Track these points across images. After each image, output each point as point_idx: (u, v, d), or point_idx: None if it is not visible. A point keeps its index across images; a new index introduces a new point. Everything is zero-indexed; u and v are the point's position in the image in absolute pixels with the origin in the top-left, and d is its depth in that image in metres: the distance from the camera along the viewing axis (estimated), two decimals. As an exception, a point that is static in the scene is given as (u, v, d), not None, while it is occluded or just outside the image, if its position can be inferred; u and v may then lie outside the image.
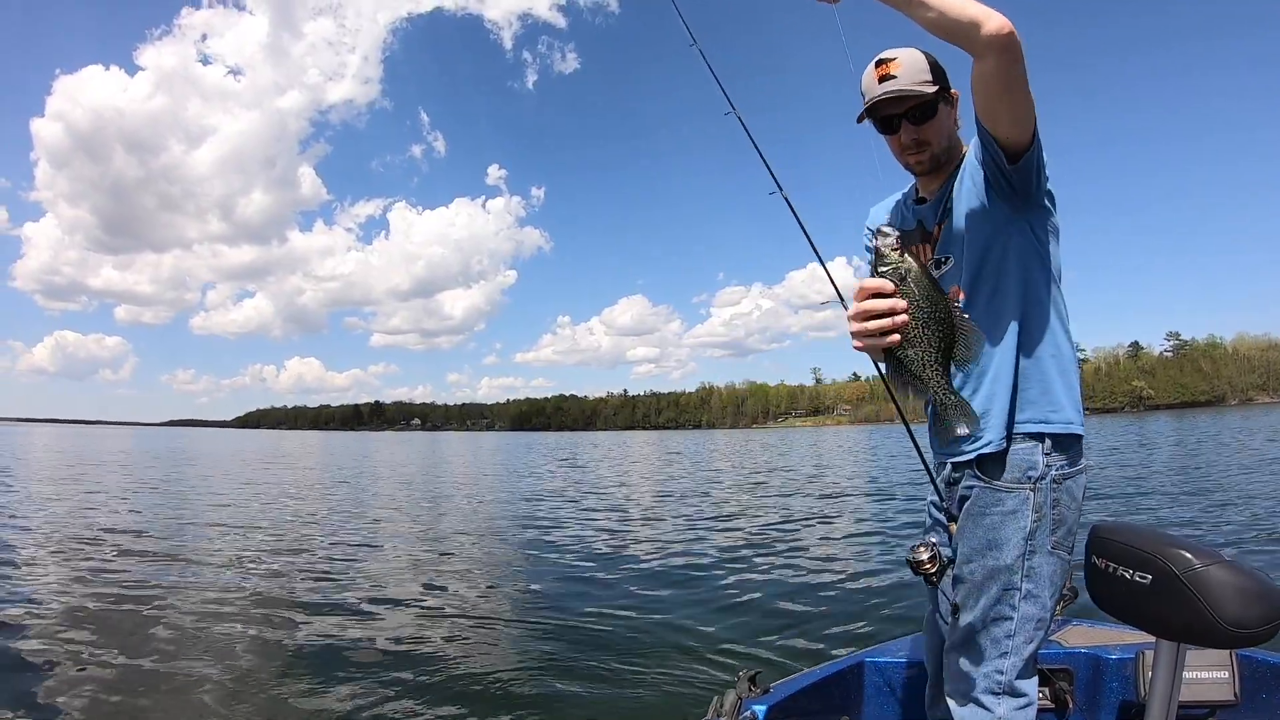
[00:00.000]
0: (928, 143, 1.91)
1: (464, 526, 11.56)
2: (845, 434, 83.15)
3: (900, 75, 1.86)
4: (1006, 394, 1.80)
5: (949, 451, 1.91)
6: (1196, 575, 1.64)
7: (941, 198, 1.94)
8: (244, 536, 10.10)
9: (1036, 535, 1.78)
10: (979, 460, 1.84)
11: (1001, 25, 1.54)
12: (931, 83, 1.86)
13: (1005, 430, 1.80)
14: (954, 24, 1.58)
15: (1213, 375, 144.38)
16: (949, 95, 1.90)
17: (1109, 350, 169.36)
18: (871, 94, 1.89)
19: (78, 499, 14.59)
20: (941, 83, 1.87)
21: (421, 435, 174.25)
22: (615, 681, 4.49)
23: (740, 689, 2.29)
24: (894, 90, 1.85)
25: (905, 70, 1.86)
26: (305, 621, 5.76)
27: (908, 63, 1.87)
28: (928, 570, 1.90)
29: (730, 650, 4.97)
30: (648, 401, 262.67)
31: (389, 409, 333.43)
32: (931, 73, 1.87)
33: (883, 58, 1.90)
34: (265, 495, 16.25)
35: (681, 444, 60.37)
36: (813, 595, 6.48)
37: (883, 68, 1.88)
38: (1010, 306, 1.82)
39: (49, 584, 6.92)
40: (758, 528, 10.87)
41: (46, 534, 10.02)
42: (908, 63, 1.87)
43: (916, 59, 1.88)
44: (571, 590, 6.88)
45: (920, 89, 1.85)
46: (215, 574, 7.53)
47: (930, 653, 2.11)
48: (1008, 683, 1.79)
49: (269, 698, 4.26)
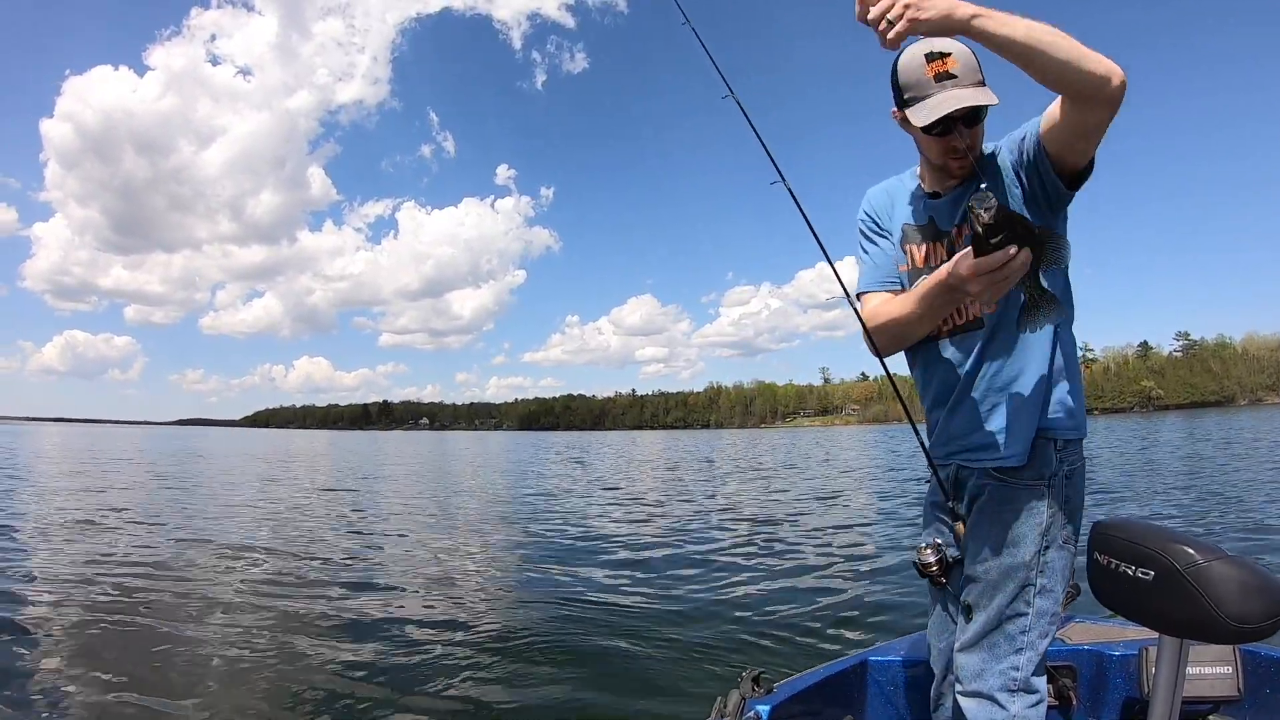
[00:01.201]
0: (976, 146, 1.80)
1: (469, 524, 11.57)
2: (852, 433, 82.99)
3: (960, 74, 1.72)
4: (1035, 408, 1.80)
5: (968, 459, 1.90)
6: (1199, 571, 1.64)
7: (963, 198, 1.81)
8: (262, 533, 10.14)
9: (1051, 530, 1.79)
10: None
11: (1123, 78, 1.50)
12: (983, 81, 1.74)
13: (1029, 443, 1.80)
14: (1082, 77, 1.50)
15: (1222, 375, 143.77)
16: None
17: (1118, 350, 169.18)
18: (930, 93, 1.73)
19: (90, 497, 14.64)
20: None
21: (429, 435, 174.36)
22: (617, 680, 4.49)
23: (744, 688, 2.28)
24: (968, 103, 1.68)
25: (963, 69, 1.72)
26: (319, 607, 5.78)
27: (964, 60, 1.73)
28: (934, 571, 1.90)
29: (733, 649, 4.97)
30: (656, 401, 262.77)
31: (397, 408, 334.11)
32: (981, 71, 1.75)
33: (938, 50, 1.73)
34: (284, 491, 16.32)
35: (689, 443, 60.34)
36: (816, 594, 6.46)
37: (938, 64, 1.72)
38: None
39: (60, 581, 6.94)
40: (761, 526, 10.87)
41: (59, 530, 10.06)
42: (964, 60, 1.73)
43: (970, 56, 1.74)
44: (572, 589, 6.87)
45: (987, 94, 1.71)
46: (234, 569, 7.57)
47: (935, 652, 2.10)
48: (1024, 679, 1.78)
49: (282, 691, 4.27)
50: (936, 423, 1.99)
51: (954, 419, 1.92)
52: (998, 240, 1.45)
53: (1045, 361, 1.80)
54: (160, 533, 10.12)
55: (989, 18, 1.49)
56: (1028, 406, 1.80)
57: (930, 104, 1.73)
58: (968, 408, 1.88)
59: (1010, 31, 1.49)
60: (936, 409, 1.98)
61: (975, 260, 1.48)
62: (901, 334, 1.93)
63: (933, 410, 2.00)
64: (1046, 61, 1.49)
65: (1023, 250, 1.46)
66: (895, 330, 1.92)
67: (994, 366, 1.84)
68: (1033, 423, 1.79)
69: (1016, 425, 1.80)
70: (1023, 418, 1.80)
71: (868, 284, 2.07)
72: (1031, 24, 1.50)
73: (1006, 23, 1.49)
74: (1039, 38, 1.49)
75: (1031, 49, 1.49)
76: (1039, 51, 1.49)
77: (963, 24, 1.49)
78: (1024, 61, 1.52)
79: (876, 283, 2.05)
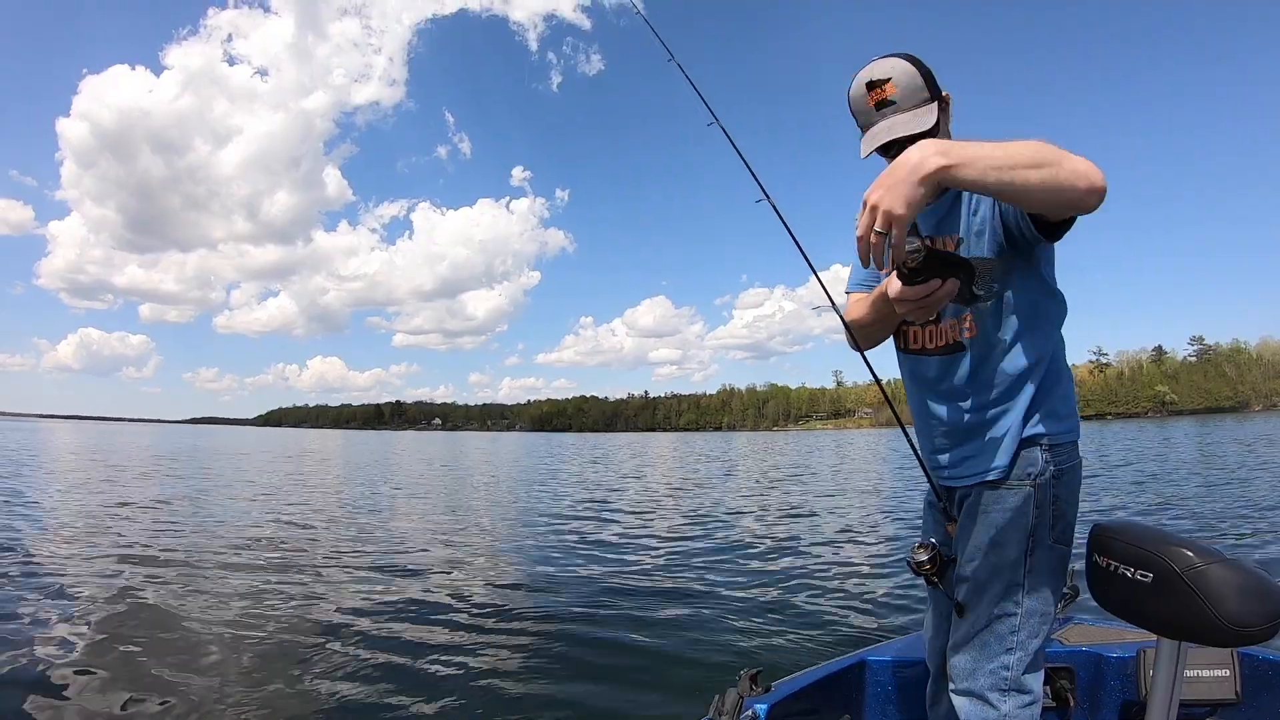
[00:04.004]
0: None
1: (474, 522, 11.60)
2: (864, 436, 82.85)
3: (899, 99, 1.73)
4: (1019, 424, 1.79)
5: (950, 476, 1.92)
6: (1198, 573, 1.63)
7: (938, 212, 1.85)
8: (269, 529, 10.20)
9: (1038, 531, 1.78)
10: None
11: (1103, 189, 1.45)
12: (930, 100, 1.75)
13: (1011, 457, 1.79)
14: (1060, 199, 1.47)
15: (1237, 380, 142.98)
16: (945, 101, 1.79)
17: (1132, 354, 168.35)
18: (871, 124, 1.78)
19: (107, 492, 14.75)
20: (937, 94, 1.76)
21: (442, 435, 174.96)
22: (615, 679, 4.50)
23: (741, 687, 2.28)
24: (901, 133, 1.71)
25: (903, 92, 1.73)
26: (323, 604, 5.81)
27: (904, 83, 1.73)
28: (928, 570, 1.90)
29: (731, 648, 4.98)
30: (669, 403, 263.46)
31: (410, 409, 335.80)
32: (928, 87, 1.75)
33: (875, 78, 1.75)
34: (300, 488, 16.42)
35: (699, 445, 60.34)
36: (815, 593, 6.48)
37: (878, 92, 1.75)
38: (1023, 333, 1.80)
39: (73, 579, 6.99)
40: (761, 525, 10.92)
41: (69, 527, 10.12)
42: (904, 83, 1.73)
43: (910, 74, 1.74)
44: (571, 588, 6.90)
45: (925, 118, 1.72)
46: (253, 564, 7.61)
47: (931, 652, 2.10)
48: (1014, 678, 1.78)
49: (290, 688, 4.29)
50: (922, 434, 2.02)
51: (936, 436, 1.94)
52: (921, 279, 1.50)
53: (1028, 377, 1.80)
54: (171, 529, 10.19)
55: (955, 168, 1.43)
56: (1011, 423, 1.80)
57: (870, 134, 1.78)
58: (949, 425, 1.90)
59: (978, 175, 1.44)
60: (919, 422, 2.01)
61: (901, 289, 1.52)
62: (867, 334, 1.99)
63: (917, 422, 2.03)
64: (1020, 195, 1.48)
65: (949, 281, 1.51)
66: (859, 330, 1.98)
67: (974, 387, 1.85)
68: (1015, 437, 1.79)
69: (999, 442, 1.80)
70: (1006, 434, 1.80)
71: (850, 285, 2.15)
72: (1001, 158, 1.43)
73: (973, 166, 1.43)
74: (1010, 179, 1.43)
75: (1004, 189, 1.47)
76: (1012, 189, 1.46)
77: (933, 188, 1.45)
78: (998, 196, 1.54)
79: (855, 284, 2.13)
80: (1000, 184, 1.44)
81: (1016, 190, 1.45)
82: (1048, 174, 1.42)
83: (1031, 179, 1.42)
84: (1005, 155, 1.43)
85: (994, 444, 1.80)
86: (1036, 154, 1.42)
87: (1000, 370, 1.81)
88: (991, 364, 1.81)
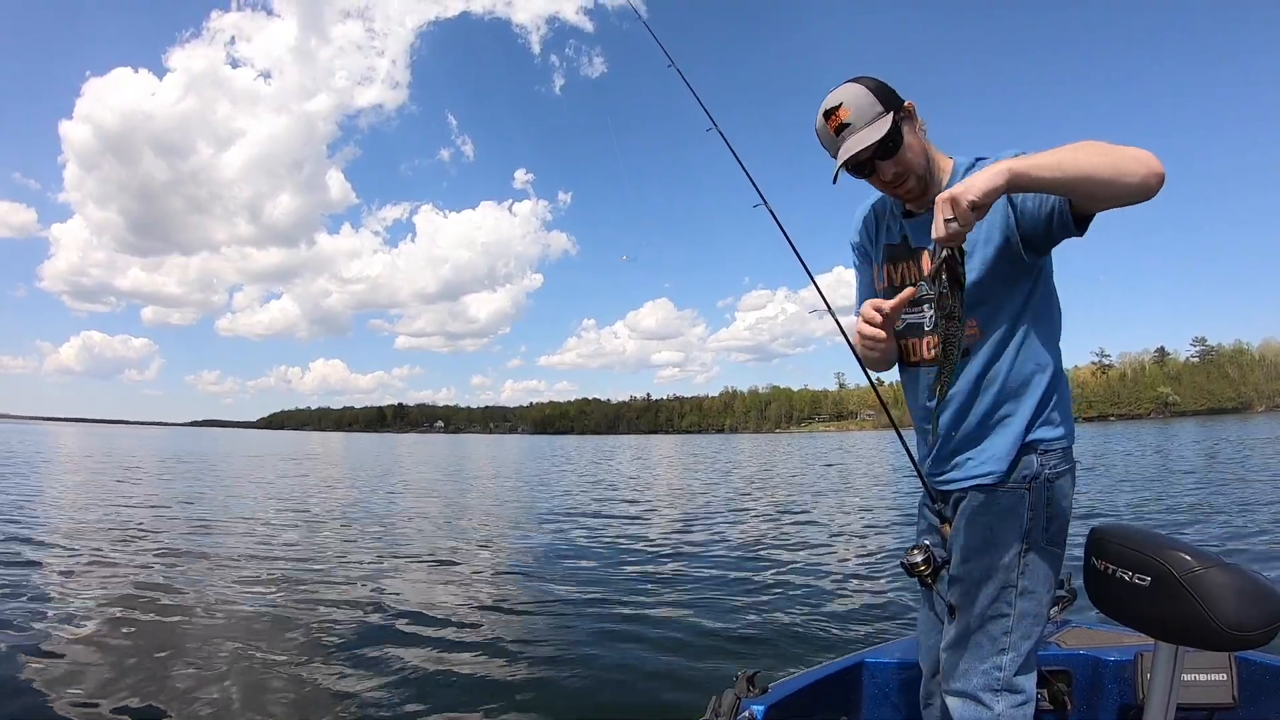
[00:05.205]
0: (907, 171, 1.83)
1: (474, 523, 11.60)
2: (866, 438, 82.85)
3: (854, 120, 1.78)
4: (1013, 432, 1.81)
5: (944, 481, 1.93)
6: (1195, 577, 1.64)
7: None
8: (291, 529, 10.22)
9: (1032, 533, 1.79)
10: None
11: (1161, 175, 1.52)
12: (884, 112, 1.77)
13: (1008, 462, 1.81)
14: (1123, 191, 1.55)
15: (1239, 381, 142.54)
16: (905, 111, 1.82)
17: (1135, 356, 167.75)
18: (836, 147, 1.82)
19: (104, 495, 14.79)
20: (893, 105, 1.79)
21: (444, 438, 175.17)
22: (612, 679, 4.50)
23: (738, 689, 2.28)
24: (856, 149, 1.76)
25: (856, 113, 1.78)
26: (328, 608, 5.81)
27: (855, 104, 1.78)
28: (922, 572, 1.91)
29: (728, 650, 4.98)
30: (671, 405, 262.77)
31: (412, 411, 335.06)
32: (881, 102, 1.78)
33: (828, 107, 1.81)
34: (304, 488, 16.42)
35: (702, 448, 60.35)
36: (812, 595, 6.48)
37: (834, 119, 1.80)
38: (1026, 340, 1.82)
39: (77, 578, 7.01)
40: (759, 526, 10.94)
41: (74, 531, 10.13)
42: (855, 104, 1.78)
43: (861, 95, 1.78)
44: (570, 588, 6.91)
45: (878, 129, 1.76)
46: (252, 563, 7.61)
47: (925, 653, 2.11)
48: (1006, 679, 1.79)
49: (296, 687, 4.31)
50: (920, 437, 2.03)
51: (933, 440, 1.94)
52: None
53: (1029, 383, 1.82)
54: (174, 532, 10.20)
55: (1024, 174, 1.54)
56: (1009, 429, 1.81)
57: (837, 158, 1.82)
58: (945, 433, 1.90)
59: (1048, 174, 1.54)
60: (918, 425, 2.02)
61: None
62: (866, 359, 2.02)
63: (916, 425, 2.04)
64: (1092, 186, 1.55)
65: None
66: (862, 355, 2.01)
67: (974, 393, 1.85)
68: (1013, 443, 1.80)
69: (997, 447, 1.82)
70: (1004, 440, 1.81)
71: (857, 308, 2.13)
72: (1067, 154, 1.54)
73: (1042, 166, 1.54)
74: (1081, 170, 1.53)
75: (1071, 185, 1.56)
76: (1087, 182, 1.54)
77: (1007, 189, 1.55)
78: (1067, 194, 1.62)
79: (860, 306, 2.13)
80: (1078, 175, 1.54)
81: (1091, 181, 1.54)
82: (1113, 162, 1.51)
83: (1102, 169, 1.52)
84: (1070, 152, 1.54)
85: (992, 449, 1.82)
86: (1097, 146, 1.54)
87: (1001, 376, 1.82)
88: (993, 370, 1.83)
